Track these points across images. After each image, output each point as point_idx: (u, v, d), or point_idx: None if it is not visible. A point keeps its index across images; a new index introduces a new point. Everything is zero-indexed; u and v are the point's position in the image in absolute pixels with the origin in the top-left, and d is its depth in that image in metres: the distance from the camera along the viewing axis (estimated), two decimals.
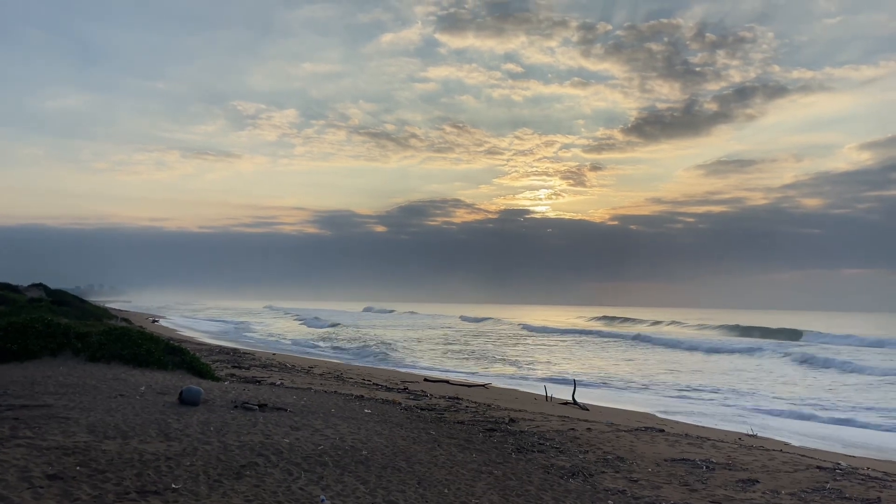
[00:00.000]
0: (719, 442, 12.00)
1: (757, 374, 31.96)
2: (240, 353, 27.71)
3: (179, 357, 14.77)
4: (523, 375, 29.77)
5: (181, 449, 7.10)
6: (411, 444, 9.03)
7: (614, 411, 18.81)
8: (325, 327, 64.18)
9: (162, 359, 14.23)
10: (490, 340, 52.70)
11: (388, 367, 30.63)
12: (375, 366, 30.75)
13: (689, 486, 8.15)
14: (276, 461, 7.10)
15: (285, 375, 18.68)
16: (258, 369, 19.91)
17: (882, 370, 31.92)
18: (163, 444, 7.21)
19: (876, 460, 13.34)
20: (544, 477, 8.06)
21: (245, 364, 21.40)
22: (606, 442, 10.83)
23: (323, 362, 28.66)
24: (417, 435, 9.82)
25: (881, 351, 45.88)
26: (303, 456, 7.43)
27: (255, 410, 10.01)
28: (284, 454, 7.41)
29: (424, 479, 7.23)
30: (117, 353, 13.98)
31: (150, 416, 8.55)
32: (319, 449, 7.86)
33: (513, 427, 11.67)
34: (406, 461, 7.90)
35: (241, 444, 7.58)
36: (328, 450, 7.88)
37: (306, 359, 30.52)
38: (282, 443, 7.90)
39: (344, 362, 30.81)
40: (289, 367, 22.43)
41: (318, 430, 8.96)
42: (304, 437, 8.37)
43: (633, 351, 45.50)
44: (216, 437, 7.79)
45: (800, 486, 8.27)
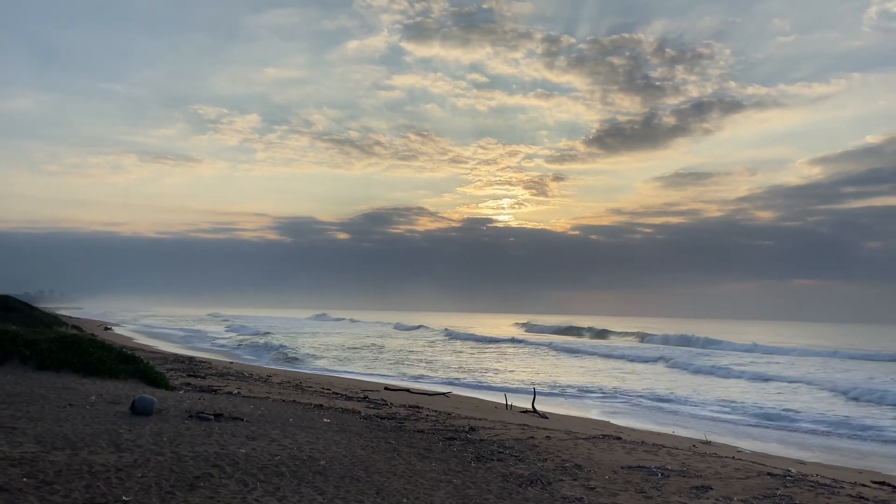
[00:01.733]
0: (674, 449, 12.20)
1: (624, 374, 36.53)
2: (195, 361, 27.17)
3: (132, 366, 14.41)
4: (485, 383, 29.84)
5: (132, 460, 6.92)
6: (370, 453, 8.96)
7: (573, 419, 18.98)
8: (249, 335, 63.75)
9: (114, 367, 13.86)
10: (401, 347, 54.39)
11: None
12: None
13: (644, 493, 8.27)
14: (232, 472, 6.97)
15: (243, 384, 18.38)
16: (214, 378, 19.56)
17: (709, 368, 39.14)
18: (113, 455, 7.02)
19: (825, 467, 13.74)
20: (503, 485, 8.08)
21: (201, 373, 20.99)
22: (565, 450, 10.91)
23: (282, 371, 28.30)
24: (377, 444, 9.75)
25: (741, 355, 52.99)
26: (259, 466, 7.31)
27: (210, 420, 9.82)
28: (240, 465, 7.28)
29: (383, 488, 7.18)
30: (67, 362, 13.56)
31: (101, 427, 8.32)
32: (276, 459, 7.74)
33: (473, 435, 11.68)
34: (365, 471, 7.83)
35: (195, 455, 7.42)
36: (285, 460, 7.77)
37: (265, 368, 30.10)
38: (238, 453, 7.77)
39: (296, 369, 30.43)
40: (246, 375, 22.09)
41: (276, 440, 8.83)
42: (260, 448, 8.24)
43: (531, 357, 47.95)
44: (169, 448, 7.61)
45: (751, 493, 8.45)
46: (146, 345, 40.28)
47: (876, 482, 10.95)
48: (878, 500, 8.67)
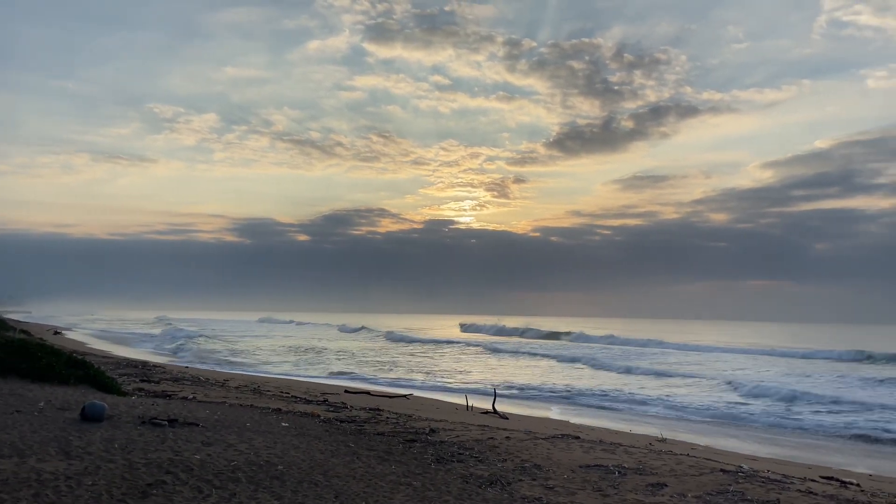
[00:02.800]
0: (631, 447, 12.38)
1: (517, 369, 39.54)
2: (149, 365, 26.57)
3: (83, 371, 14.02)
4: (446, 385, 29.92)
5: (83, 468, 6.73)
6: (329, 457, 8.88)
7: (533, 419, 19.13)
8: (182, 337, 62.92)
9: (63, 373, 13.46)
10: (339, 348, 55.23)
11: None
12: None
13: (602, 491, 8.37)
14: (186, 478, 6.83)
15: (198, 389, 18.03)
16: (169, 383, 19.14)
17: (570, 357, 45.99)
18: (63, 463, 6.81)
19: (776, 462, 14.11)
20: (463, 486, 8.09)
21: (154, 377, 20.53)
22: (524, 450, 10.98)
23: (239, 375, 27.86)
24: (336, 448, 9.67)
25: (623, 348, 60.66)
26: (214, 472, 7.18)
27: (164, 426, 9.61)
28: (195, 471, 7.14)
29: (342, 492, 7.12)
30: (14, 367, 13.11)
31: (50, 434, 8.06)
32: (233, 465, 7.62)
33: (433, 437, 11.67)
34: (323, 475, 7.76)
35: (147, 462, 7.25)
36: (242, 465, 7.64)
37: (221, 372, 29.60)
38: (192, 459, 7.61)
39: (260, 374, 30.02)
40: (202, 380, 21.67)
41: (232, 446, 8.68)
42: (216, 453, 8.09)
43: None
44: (121, 455, 7.43)
45: (705, 489, 8.63)
46: (98, 349, 39.23)
47: (824, 477, 11.29)
48: (826, 494, 8.94)
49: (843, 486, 10.13)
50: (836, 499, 8.63)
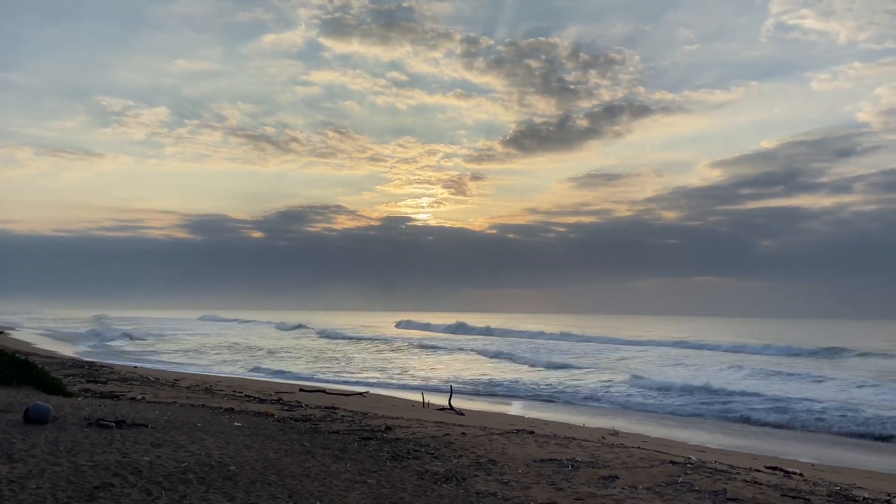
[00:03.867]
0: (584, 441, 12.58)
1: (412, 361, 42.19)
2: (96, 366, 25.83)
3: (26, 371, 13.55)
4: (403, 383, 29.92)
5: (26, 471, 6.51)
6: (283, 456, 8.79)
7: (488, 415, 19.26)
8: (111, 336, 62.67)
9: (6, 374, 12.99)
10: (268, 346, 55.68)
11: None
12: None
13: (555, 485, 8.48)
14: (135, 481, 6.67)
15: (148, 389, 17.62)
16: (116, 383, 18.65)
17: (494, 352, 47.81)
18: (5, 467, 6.58)
19: (724, 454, 14.52)
20: (418, 483, 8.10)
21: (102, 378, 19.97)
22: (480, 445, 11.05)
23: (190, 375, 27.32)
24: (290, 447, 9.57)
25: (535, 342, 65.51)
26: (164, 474, 7.03)
27: (111, 427, 9.36)
28: (144, 473, 6.98)
29: (296, 491, 7.06)
30: None
31: None
32: (183, 466, 7.47)
33: (389, 435, 11.65)
34: (277, 474, 7.67)
35: (94, 464, 7.06)
36: (193, 466, 7.50)
37: (172, 372, 29.00)
38: (141, 461, 7.44)
39: (208, 372, 29.49)
40: (152, 380, 21.18)
41: (183, 447, 8.52)
42: (166, 455, 7.93)
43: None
44: (66, 458, 7.21)
45: (655, 481, 8.82)
46: (43, 349, 37.97)
47: (769, 467, 11.66)
48: (770, 484, 9.24)
49: (787, 476, 10.49)
50: (780, 488, 8.92)
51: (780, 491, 8.68)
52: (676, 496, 8.05)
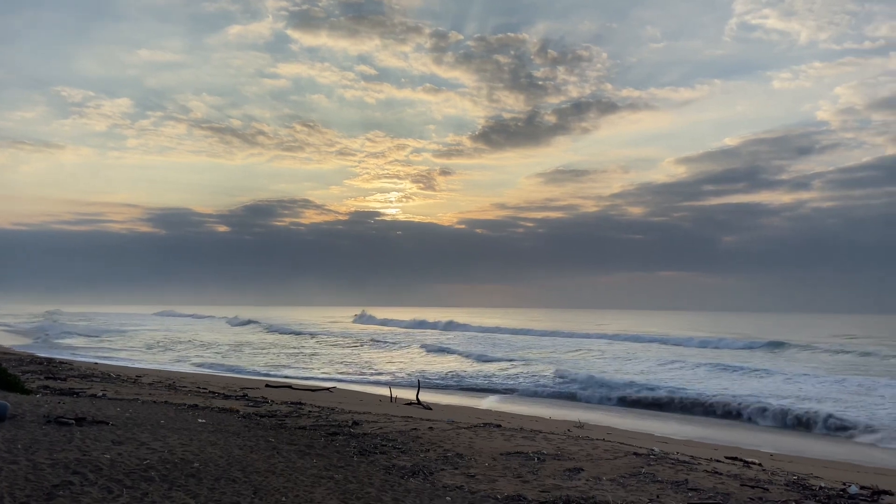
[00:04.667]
0: (550, 434, 12.71)
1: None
2: (55, 362, 25.25)
3: None
4: (370, 378, 29.87)
5: None
6: (248, 452, 8.70)
7: (456, 409, 19.34)
8: (55, 332, 62.49)
9: None
10: (198, 342, 56.27)
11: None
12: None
13: (521, 477, 8.56)
14: (95, 479, 6.55)
15: (109, 386, 17.29)
16: (77, 380, 18.26)
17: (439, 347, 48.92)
18: None
19: (685, 444, 14.81)
20: (385, 478, 8.10)
21: (61, 374, 19.54)
22: (447, 440, 11.09)
23: (153, 371, 26.89)
24: (255, 443, 9.48)
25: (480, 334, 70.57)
26: (125, 472, 6.91)
27: (71, 425, 9.17)
28: (104, 471, 6.85)
29: (261, 488, 7.00)
30: None
31: None
32: (145, 463, 7.35)
33: (356, 430, 11.62)
34: (242, 471, 7.60)
35: (53, 462, 6.90)
36: (155, 464, 7.39)
37: (133, 368, 28.50)
38: (102, 459, 7.30)
39: (171, 369, 29.07)
40: (113, 376, 20.79)
41: (145, 444, 8.38)
42: (127, 452, 7.79)
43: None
44: (24, 456, 7.04)
45: (619, 472, 8.96)
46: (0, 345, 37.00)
47: (729, 457, 11.94)
48: (730, 474, 9.45)
49: (747, 466, 10.74)
50: (739, 478, 9.13)
51: (740, 481, 8.89)
52: (639, 487, 8.19)
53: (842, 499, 8.13)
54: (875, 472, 12.92)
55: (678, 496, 7.82)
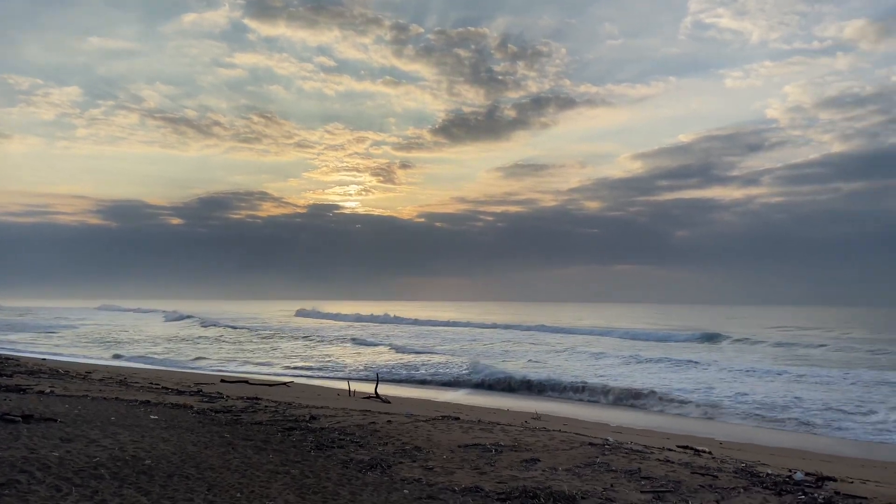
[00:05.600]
0: (508, 426, 12.82)
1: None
2: (1, 358, 24.40)
3: None
4: (328, 372, 29.67)
5: None
6: (202, 449, 8.57)
7: (415, 402, 19.35)
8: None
9: None
10: (125, 337, 56.58)
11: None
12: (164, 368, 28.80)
13: (479, 469, 8.62)
14: (43, 477, 6.37)
15: (57, 382, 16.80)
16: (23, 376, 17.69)
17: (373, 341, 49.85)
18: None
19: (638, 434, 15.11)
20: (343, 472, 8.07)
21: (7, 371, 18.90)
22: (405, 433, 11.09)
23: (104, 367, 26.23)
24: (210, 439, 9.34)
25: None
26: (74, 470, 6.74)
27: (17, 422, 8.90)
28: (53, 469, 6.67)
29: (215, 484, 6.90)
30: None
31: None
32: (95, 461, 7.18)
33: (313, 424, 11.54)
34: (196, 468, 7.48)
35: None
36: (105, 461, 7.22)
37: (83, 364, 27.75)
38: (50, 457, 7.11)
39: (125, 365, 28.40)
40: (62, 373, 20.20)
41: (95, 441, 8.18)
42: (76, 450, 7.60)
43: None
44: None
45: (574, 462, 9.10)
46: None
47: (680, 446, 12.23)
48: (681, 462, 9.69)
49: (697, 454, 11.02)
50: (690, 466, 9.36)
51: (691, 469, 9.12)
52: (594, 476, 8.33)
53: (788, 485, 8.40)
54: (820, 460, 13.39)
55: (631, 485, 7.98)
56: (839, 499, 7.74)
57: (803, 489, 8.19)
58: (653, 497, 7.46)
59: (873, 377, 28.96)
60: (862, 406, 21.50)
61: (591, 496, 7.35)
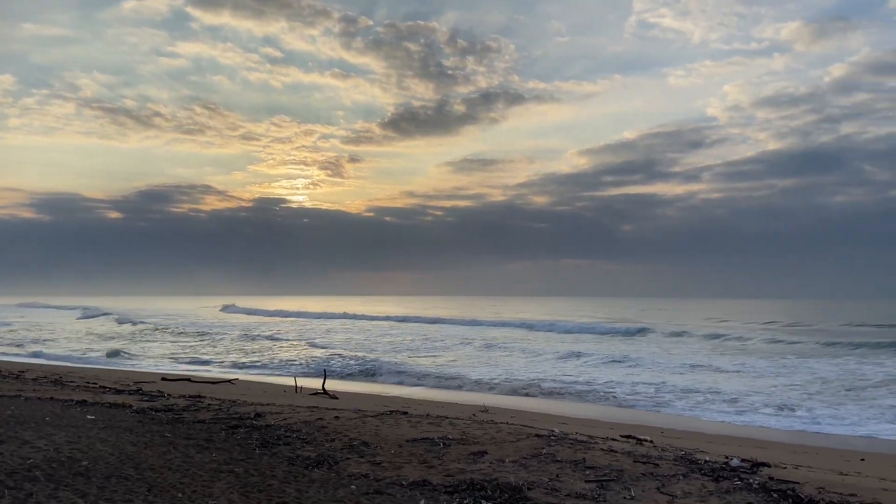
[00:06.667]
0: (456, 419, 12.89)
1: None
2: None
3: None
4: (274, 369, 29.31)
5: None
6: (142, 448, 8.34)
7: (363, 397, 19.26)
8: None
9: None
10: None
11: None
12: None
13: (427, 463, 8.64)
14: None
15: None
16: None
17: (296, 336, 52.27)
18: None
19: (583, 424, 15.40)
20: (289, 469, 7.97)
21: None
22: (353, 428, 11.03)
23: (38, 366, 25.24)
24: (150, 439, 9.10)
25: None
26: (7, 472, 6.47)
27: None
28: None
29: (156, 485, 6.72)
30: None
31: None
32: (29, 463, 6.91)
33: (259, 422, 11.36)
34: (135, 468, 7.27)
35: None
36: (40, 463, 6.96)
37: (15, 363, 26.65)
38: None
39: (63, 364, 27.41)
40: None
41: (28, 442, 7.87)
42: (9, 452, 7.29)
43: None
44: None
45: (521, 454, 9.21)
46: None
47: (624, 436, 12.51)
48: (624, 451, 9.92)
49: (639, 443, 11.30)
50: (632, 455, 9.60)
51: (633, 457, 9.35)
52: (540, 467, 8.46)
53: (725, 471, 8.69)
54: (755, 447, 13.91)
55: (576, 474, 8.13)
56: (773, 483, 8.05)
57: (739, 475, 8.49)
58: (597, 486, 7.62)
59: (800, 366, 30.36)
60: (791, 394, 22.47)
61: (537, 486, 7.46)
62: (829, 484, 8.41)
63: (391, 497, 6.96)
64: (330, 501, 6.69)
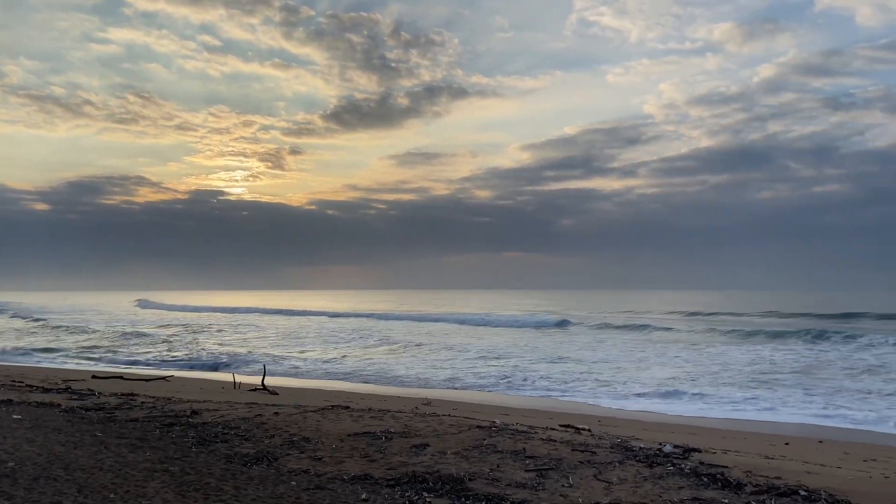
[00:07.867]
0: (398, 412, 12.88)
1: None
2: None
3: None
4: (212, 365, 28.71)
5: None
6: (72, 449, 8.04)
7: (305, 392, 19.05)
8: None
9: None
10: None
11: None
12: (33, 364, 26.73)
13: (368, 457, 8.63)
14: None
15: None
16: None
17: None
18: None
19: (524, 415, 15.64)
20: (226, 467, 7.83)
21: None
22: (293, 424, 10.90)
23: None
24: (80, 438, 8.78)
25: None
26: None
27: None
28: None
29: (86, 485, 6.50)
30: None
31: None
32: None
33: (195, 419, 11.10)
34: (65, 469, 7.01)
35: None
36: None
37: None
38: None
39: None
40: None
41: None
42: None
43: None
44: None
45: (463, 445, 9.29)
46: None
47: (563, 425, 12.76)
48: (563, 440, 10.12)
49: (577, 432, 11.55)
50: (571, 444, 9.80)
51: (571, 446, 9.55)
52: (481, 458, 8.55)
53: (658, 457, 8.98)
54: (688, 433, 14.40)
55: (517, 464, 8.26)
56: (703, 468, 8.36)
57: (672, 460, 8.79)
58: (536, 475, 7.76)
59: (723, 354, 31.71)
60: (712, 380, 23.47)
61: (479, 477, 7.54)
62: (756, 467, 8.79)
63: (332, 492, 6.92)
64: (269, 498, 6.60)
